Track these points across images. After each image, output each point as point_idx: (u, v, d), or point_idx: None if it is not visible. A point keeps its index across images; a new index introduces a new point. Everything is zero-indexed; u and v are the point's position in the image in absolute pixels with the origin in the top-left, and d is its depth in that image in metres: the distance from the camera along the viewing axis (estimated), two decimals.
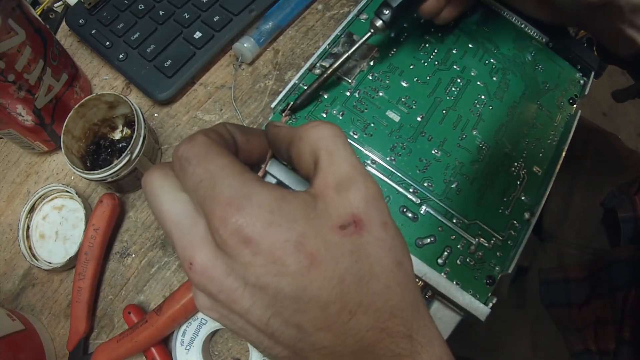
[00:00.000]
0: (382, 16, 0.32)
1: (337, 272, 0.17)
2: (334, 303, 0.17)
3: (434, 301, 0.30)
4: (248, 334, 0.19)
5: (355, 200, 0.19)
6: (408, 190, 0.32)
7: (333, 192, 0.19)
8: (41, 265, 0.38)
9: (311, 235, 0.17)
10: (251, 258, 0.17)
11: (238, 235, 0.17)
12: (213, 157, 0.19)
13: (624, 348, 0.41)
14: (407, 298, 0.19)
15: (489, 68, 0.38)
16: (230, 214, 0.17)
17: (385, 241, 0.19)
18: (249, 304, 0.18)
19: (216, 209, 0.18)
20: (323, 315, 0.17)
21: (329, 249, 0.18)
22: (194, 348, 0.35)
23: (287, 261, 0.17)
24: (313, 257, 0.17)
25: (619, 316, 0.43)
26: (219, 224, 0.17)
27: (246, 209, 0.17)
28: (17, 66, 0.35)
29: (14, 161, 0.45)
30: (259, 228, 0.17)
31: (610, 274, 0.45)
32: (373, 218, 0.19)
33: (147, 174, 0.21)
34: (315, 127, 0.20)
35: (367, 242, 0.18)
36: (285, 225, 0.17)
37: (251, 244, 0.17)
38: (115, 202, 0.38)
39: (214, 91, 0.45)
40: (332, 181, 0.19)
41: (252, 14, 0.45)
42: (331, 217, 0.18)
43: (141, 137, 0.37)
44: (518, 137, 0.35)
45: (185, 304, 0.33)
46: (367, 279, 0.18)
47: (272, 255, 0.17)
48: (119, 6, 0.46)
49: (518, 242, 0.32)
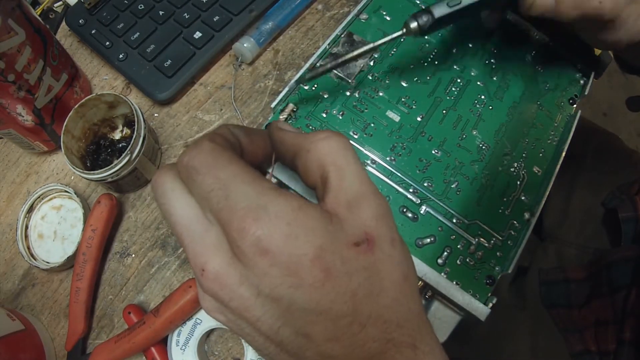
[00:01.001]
0: (419, 20, 0.31)
1: (351, 287, 0.18)
2: (346, 316, 0.18)
3: (434, 301, 0.30)
4: (254, 340, 0.19)
5: (367, 218, 0.19)
6: (408, 190, 0.32)
7: (345, 210, 0.19)
8: (39, 265, 0.38)
9: (328, 249, 0.18)
10: (268, 269, 0.17)
11: (256, 247, 0.17)
12: (223, 164, 0.19)
13: (625, 348, 0.41)
14: (412, 309, 0.19)
15: (489, 68, 0.38)
16: (248, 225, 0.17)
17: (394, 257, 0.19)
18: (260, 312, 0.18)
19: (233, 220, 0.17)
20: (334, 327, 0.18)
21: (345, 264, 0.18)
22: (189, 348, 0.35)
23: (303, 274, 0.17)
24: (329, 271, 0.17)
25: (619, 316, 0.43)
26: (237, 235, 0.17)
27: (264, 220, 0.17)
28: (17, 66, 0.35)
29: (14, 161, 0.45)
30: (277, 240, 0.17)
31: (611, 274, 0.45)
32: (383, 235, 0.19)
33: (157, 175, 0.21)
34: (323, 140, 0.20)
35: (378, 259, 0.19)
36: (303, 238, 0.17)
37: (269, 255, 0.17)
38: (113, 203, 0.38)
39: (214, 91, 0.45)
40: (343, 199, 0.19)
41: (252, 14, 0.45)
42: (347, 233, 0.18)
43: (141, 137, 0.37)
44: (518, 137, 0.35)
45: (183, 305, 0.33)
46: (377, 293, 0.18)
47: (289, 268, 0.17)
48: (119, 6, 0.46)
49: (518, 242, 0.32)
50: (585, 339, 0.45)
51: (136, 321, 0.35)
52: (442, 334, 0.30)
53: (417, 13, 0.31)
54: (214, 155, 0.19)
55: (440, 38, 0.38)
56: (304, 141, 0.21)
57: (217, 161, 0.19)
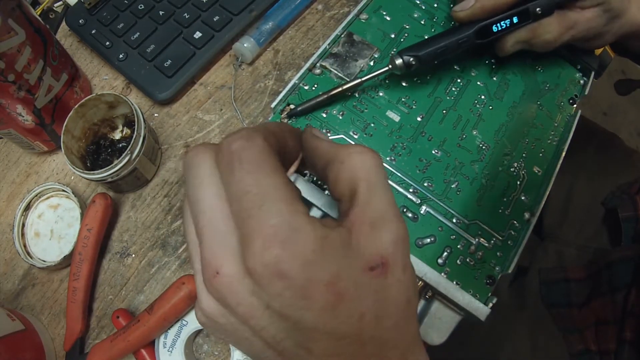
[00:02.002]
0: (404, 58, 0.32)
1: (359, 310, 0.18)
2: (350, 337, 0.18)
3: (434, 301, 0.30)
4: (251, 344, 0.19)
5: (386, 242, 0.19)
6: (408, 190, 0.32)
7: (368, 229, 0.19)
8: (35, 263, 0.38)
9: (343, 276, 0.18)
10: (281, 291, 0.17)
11: (274, 268, 0.17)
12: (268, 171, 0.18)
13: (625, 348, 0.41)
14: (409, 331, 0.20)
15: (489, 68, 0.38)
16: (273, 245, 0.17)
17: (403, 283, 0.19)
18: (266, 323, 0.18)
19: (259, 235, 0.17)
20: (336, 345, 0.18)
21: (358, 289, 0.18)
22: (176, 350, 0.35)
23: (316, 298, 0.17)
24: (341, 295, 0.18)
25: (619, 316, 0.43)
26: (259, 250, 0.17)
27: (290, 245, 0.17)
28: (17, 66, 0.35)
29: (14, 161, 0.45)
30: (296, 266, 0.17)
31: (611, 274, 0.45)
32: (397, 261, 0.19)
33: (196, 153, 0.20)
34: (358, 154, 0.20)
35: (389, 284, 0.19)
36: (322, 265, 0.17)
37: (285, 279, 0.17)
38: (108, 202, 0.38)
39: (214, 91, 0.45)
40: (369, 217, 0.19)
41: (252, 14, 0.45)
42: (364, 256, 0.18)
43: (141, 137, 0.37)
44: (518, 137, 0.35)
45: (176, 303, 0.33)
46: (382, 316, 0.19)
47: (303, 292, 0.17)
48: (119, 6, 0.46)
49: (518, 242, 0.32)
50: (586, 338, 0.45)
51: (131, 319, 0.35)
52: (442, 334, 0.30)
53: (403, 50, 0.33)
54: (263, 157, 0.19)
55: None
56: (339, 152, 0.20)
57: (264, 164, 0.18)
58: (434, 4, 0.40)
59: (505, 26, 0.34)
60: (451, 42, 0.33)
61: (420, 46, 0.33)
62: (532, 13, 0.34)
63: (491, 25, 0.34)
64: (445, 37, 0.33)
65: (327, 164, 0.21)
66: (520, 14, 0.34)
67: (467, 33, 0.33)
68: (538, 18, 0.34)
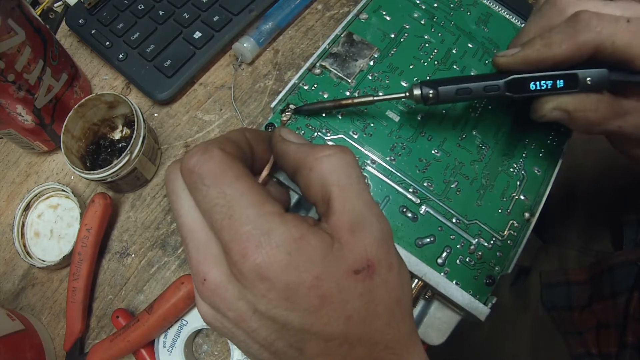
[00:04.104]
0: (423, 90, 0.30)
1: (345, 313, 0.18)
2: (337, 338, 0.18)
3: (433, 301, 0.30)
4: (248, 347, 0.20)
5: (369, 244, 0.19)
6: (408, 190, 0.32)
7: (348, 234, 0.19)
8: (35, 263, 0.38)
9: (326, 278, 0.18)
10: (265, 292, 0.18)
11: (256, 272, 0.17)
12: (231, 180, 0.18)
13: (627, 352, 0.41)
14: (402, 330, 0.20)
15: (489, 68, 0.38)
16: (249, 251, 0.17)
17: (390, 282, 0.19)
18: (256, 325, 0.18)
19: (235, 243, 0.18)
20: (325, 345, 0.18)
21: (342, 292, 0.18)
22: (176, 349, 0.35)
23: (299, 300, 0.18)
24: (324, 298, 0.18)
25: (621, 320, 0.43)
26: (238, 258, 0.18)
27: (265, 248, 0.17)
28: (16, 66, 0.35)
29: (14, 161, 0.45)
30: (276, 269, 0.17)
31: (613, 278, 0.44)
32: (382, 261, 0.19)
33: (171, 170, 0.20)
34: (327, 157, 0.20)
35: (375, 285, 0.19)
36: (302, 268, 0.18)
37: (267, 281, 0.17)
38: (107, 202, 0.38)
39: (213, 91, 0.45)
40: (346, 222, 0.19)
41: (252, 14, 0.46)
42: (347, 260, 0.18)
43: (141, 137, 0.37)
44: (518, 137, 0.35)
45: (176, 302, 0.33)
46: (371, 318, 0.19)
47: (286, 294, 0.17)
48: (118, 6, 0.46)
49: (518, 242, 0.32)
50: (586, 341, 0.45)
51: (131, 319, 0.35)
52: (442, 334, 0.30)
53: (426, 82, 0.30)
54: (222, 167, 0.19)
55: (440, 38, 0.38)
56: (307, 157, 0.20)
57: (225, 174, 0.18)
58: (434, 4, 0.40)
59: (546, 87, 0.29)
60: (478, 86, 0.30)
61: (444, 83, 0.30)
62: (581, 81, 0.28)
63: (529, 81, 0.29)
64: (474, 80, 0.30)
65: (295, 170, 0.21)
66: (567, 78, 0.28)
67: (497, 81, 0.29)
68: (585, 90, 0.28)
